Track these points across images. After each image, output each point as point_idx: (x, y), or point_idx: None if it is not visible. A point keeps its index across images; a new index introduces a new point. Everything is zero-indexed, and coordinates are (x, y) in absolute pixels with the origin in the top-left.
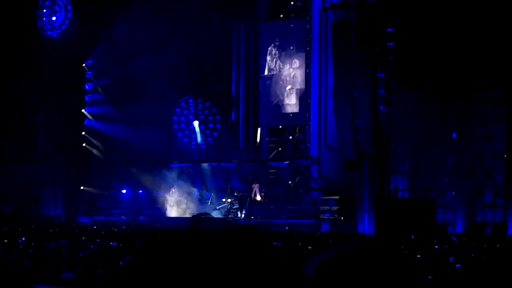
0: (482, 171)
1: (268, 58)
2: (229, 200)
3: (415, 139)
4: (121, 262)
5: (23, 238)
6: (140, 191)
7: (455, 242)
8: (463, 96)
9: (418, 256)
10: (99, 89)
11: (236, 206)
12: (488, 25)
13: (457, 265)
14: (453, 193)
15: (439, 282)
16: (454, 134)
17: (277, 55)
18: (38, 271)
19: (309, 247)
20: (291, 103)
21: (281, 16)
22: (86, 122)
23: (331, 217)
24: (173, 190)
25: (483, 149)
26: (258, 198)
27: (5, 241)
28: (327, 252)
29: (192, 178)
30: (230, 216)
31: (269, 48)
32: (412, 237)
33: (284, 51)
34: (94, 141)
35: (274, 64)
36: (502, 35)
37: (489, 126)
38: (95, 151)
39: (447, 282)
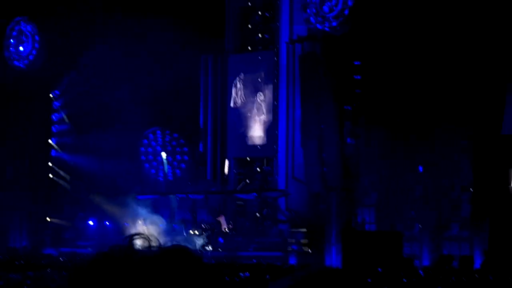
0: (449, 204)
1: (234, 90)
2: (196, 232)
3: (382, 172)
4: None
5: None
6: (107, 223)
7: (421, 276)
8: (430, 128)
9: None
10: (66, 119)
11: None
12: (455, 58)
13: None
14: (420, 226)
15: None
16: (420, 168)
17: (241, 88)
18: None
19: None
20: (259, 135)
21: (249, 48)
22: (53, 153)
23: (298, 250)
24: (140, 222)
25: (449, 182)
26: (226, 230)
27: None
28: (283, 281)
29: (160, 210)
30: (199, 248)
31: (235, 81)
32: (379, 270)
33: (252, 83)
34: (61, 172)
35: (240, 96)
36: (468, 70)
37: (455, 159)
38: (62, 182)
39: None
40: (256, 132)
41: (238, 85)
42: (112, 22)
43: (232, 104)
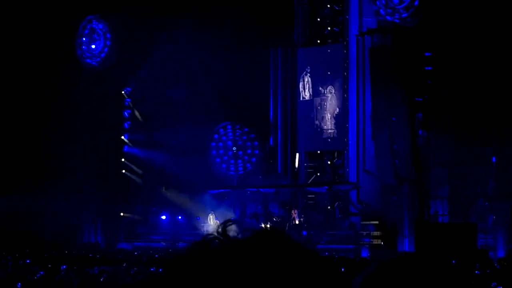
0: None
1: (301, 84)
2: (268, 225)
3: (454, 163)
4: None
5: (64, 266)
6: (180, 217)
7: (497, 267)
8: (503, 119)
9: None
10: (138, 116)
11: None
12: None
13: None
14: (494, 217)
15: None
16: (494, 158)
17: (309, 81)
18: None
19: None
20: (330, 128)
21: (318, 42)
22: (125, 149)
23: (371, 242)
24: (211, 216)
25: None
26: (297, 223)
27: (48, 266)
28: (372, 264)
29: (232, 203)
30: None
31: (302, 74)
32: (453, 262)
33: (322, 76)
34: (133, 167)
35: (308, 89)
36: None
37: None
38: (134, 177)
39: None
40: (327, 125)
41: (306, 79)
42: (181, 17)
43: (303, 97)
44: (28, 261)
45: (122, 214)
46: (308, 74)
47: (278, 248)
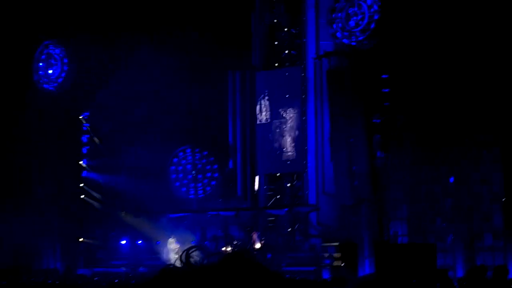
0: (481, 214)
1: (258, 107)
2: (228, 249)
3: (413, 184)
4: None
5: None
6: (140, 242)
7: (456, 287)
8: (459, 139)
9: None
10: (96, 140)
11: None
12: (484, 69)
13: None
14: (453, 237)
15: None
16: (451, 178)
17: (267, 104)
18: None
19: None
20: (289, 151)
21: (276, 65)
22: (84, 174)
23: (331, 264)
24: (172, 240)
25: (481, 192)
26: (258, 246)
27: None
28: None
29: (192, 227)
30: None
31: (259, 98)
32: (414, 281)
33: (280, 99)
34: (92, 192)
35: (269, 112)
36: (498, 80)
37: (486, 169)
38: (93, 202)
39: None
40: (285, 147)
41: (263, 102)
42: (138, 41)
43: (258, 121)
44: None
45: (81, 239)
46: (266, 97)
47: (246, 272)
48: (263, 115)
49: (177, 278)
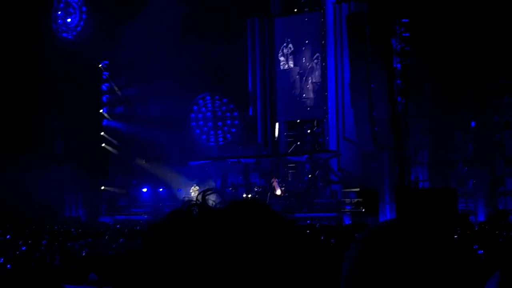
0: (502, 159)
1: (281, 53)
2: (249, 195)
3: (434, 129)
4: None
5: (44, 241)
6: (161, 189)
7: (477, 231)
8: (480, 84)
9: None
10: (116, 89)
11: None
12: (504, 14)
13: (479, 251)
14: (474, 182)
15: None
16: (473, 123)
17: (291, 50)
18: (64, 271)
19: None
20: (309, 97)
21: (295, 10)
22: (104, 123)
23: (352, 210)
24: (194, 188)
25: (502, 136)
26: (278, 192)
27: (29, 242)
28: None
29: (212, 174)
30: None
31: (284, 44)
32: (434, 226)
33: (299, 45)
34: (113, 141)
35: (289, 58)
36: None
37: (508, 114)
38: (114, 151)
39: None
40: (306, 94)
41: (285, 50)
42: None
43: (282, 67)
44: (8, 236)
45: (102, 187)
46: (286, 44)
47: (257, 217)
48: (284, 62)
49: (189, 219)
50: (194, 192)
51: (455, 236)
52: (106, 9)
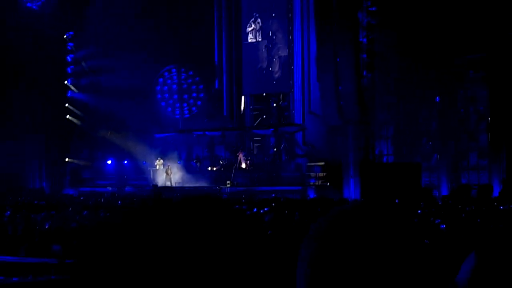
0: (466, 134)
1: (249, 27)
2: (214, 168)
3: (399, 104)
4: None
5: (7, 212)
6: (125, 162)
7: (440, 205)
8: (446, 60)
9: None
10: (80, 60)
11: None
12: None
13: (442, 226)
14: (438, 156)
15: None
16: (437, 98)
17: (259, 24)
18: (27, 242)
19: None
20: (275, 71)
21: None
22: (69, 94)
23: (317, 183)
24: (159, 161)
25: (467, 112)
26: (244, 165)
27: None
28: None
29: (178, 147)
30: (217, 186)
31: (252, 19)
32: (397, 201)
33: (266, 19)
34: (78, 112)
35: (256, 32)
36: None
37: (472, 89)
38: (79, 123)
39: (433, 243)
40: (272, 67)
41: (253, 24)
42: None
43: (249, 40)
44: None
45: (67, 159)
46: (254, 19)
47: (211, 207)
48: (251, 36)
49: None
50: (159, 165)
51: (419, 211)
52: None
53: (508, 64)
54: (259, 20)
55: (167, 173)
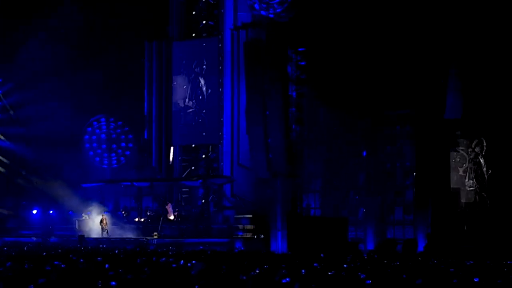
0: (393, 189)
1: (178, 77)
2: (142, 220)
3: (327, 158)
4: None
5: None
6: (51, 212)
7: (366, 259)
8: (373, 114)
9: (331, 273)
10: (8, 108)
11: None
12: (397, 47)
13: (367, 281)
14: (364, 210)
15: None
16: (364, 152)
17: (188, 75)
18: None
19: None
20: (204, 122)
21: (194, 35)
22: None
23: (244, 236)
24: (85, 211)
25: (393, 166)
26: (171, 217)
27: None
28: None
29: (105, 197)
30: (144, 238)
31: (181, 69)
32: (322, 255)
33: (197, 70)
34: (4, 160)
35: (186, 83)
36: (409, 57)
37: (399, 144)
38: (3, 170)
39: None
40: (201, 119)
41: (182, 75)
42: (54, 9)
43: (176, 93)
44: None
45: None
46: (184, 69)
47: None
48: (180, 86)
49: None
50: (85, 217)
51: (345, 265)
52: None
53: (433, 120)
54: (188, 70)
55: (103, 223)
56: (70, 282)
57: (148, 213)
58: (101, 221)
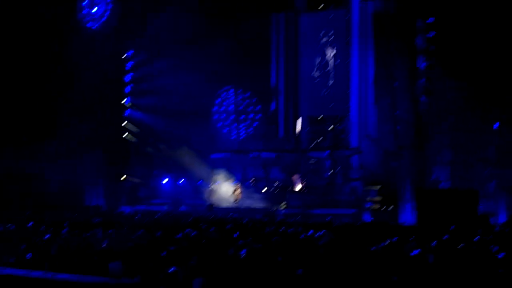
0: None
1: (306, 49)
2: (269, 190)
3: (457, 129)
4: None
5: (65, 229)
6: (181, 181)
7: (497, 232)
8: (506, 85)
9: (461, 245)
10: (140, 80)
11: None
12: None
13: (500, 255)
14: (496, 183)
15: (482, 270)
16: (496, 124)
17: (317, 46)
18: (83, 260)
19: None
20: (332, 93)
21: (320, 7)
22: (127, 113)
23: (372, 207)
24: (213, 180)
25: None
26: (298, 188)
27: (50, 229)
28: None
29: (233, 168)
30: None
31: (310, 40)
32: (452, 227)
33: (324, 42)
34: (135, 131)
35: (315, 54)
36: None
37: None
38: (136, 141)
39: (489, 271)
40: (329, 90)
41: (311, 46)
42: None
43: (304, 63)
44: (30, 223)
45: (123, 177)
46: (312, 40)
47: None
48: (309, 58)
49: None
50: (214, 186)
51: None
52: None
53: None
54: (316, 42)
55: (236, 192)
56: (201, 249)
57: (275, 184)
58: (234, 191)
